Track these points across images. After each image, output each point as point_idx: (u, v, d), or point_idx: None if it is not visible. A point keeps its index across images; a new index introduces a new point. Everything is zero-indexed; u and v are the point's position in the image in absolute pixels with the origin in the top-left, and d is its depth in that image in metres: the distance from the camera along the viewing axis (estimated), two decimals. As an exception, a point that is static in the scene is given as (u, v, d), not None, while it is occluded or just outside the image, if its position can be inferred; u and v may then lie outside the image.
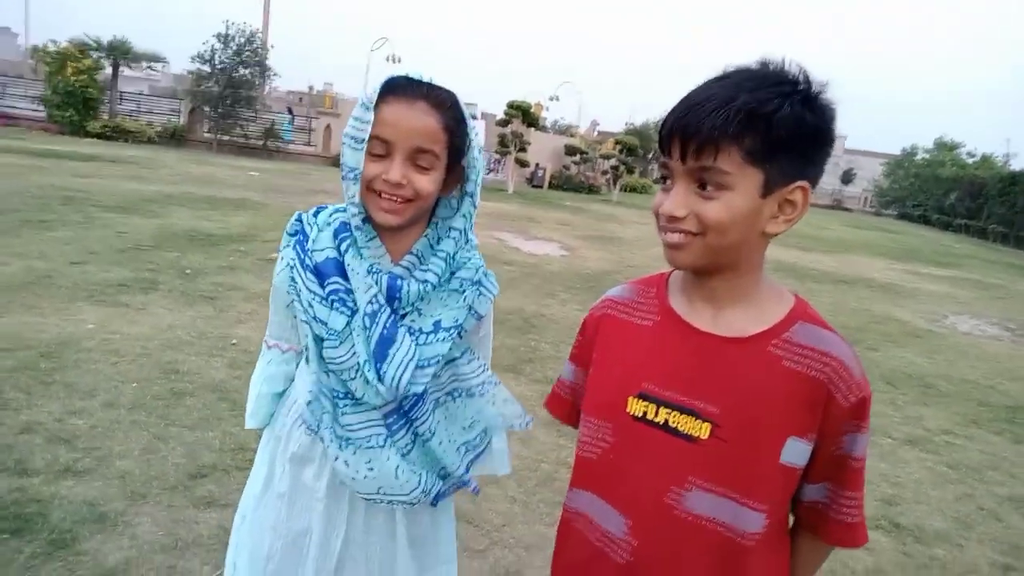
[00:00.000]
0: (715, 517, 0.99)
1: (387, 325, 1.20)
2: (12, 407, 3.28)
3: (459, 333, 1.29)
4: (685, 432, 1.00)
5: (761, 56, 0.97)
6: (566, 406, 1.26)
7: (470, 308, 1.30)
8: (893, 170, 45.35)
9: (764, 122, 0.90)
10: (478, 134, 1.26)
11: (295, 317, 1.26)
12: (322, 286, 1.21)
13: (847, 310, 8.86)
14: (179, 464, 3.00)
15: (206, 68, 22.14)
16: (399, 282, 1.21)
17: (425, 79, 1.21)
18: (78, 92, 20.10)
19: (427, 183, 1.20)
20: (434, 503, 1.37)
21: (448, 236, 1.28)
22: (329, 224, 1.26)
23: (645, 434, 1.03)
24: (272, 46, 23.78)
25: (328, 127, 23.26)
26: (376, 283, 1.20)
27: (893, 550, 3.14)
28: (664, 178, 1.01)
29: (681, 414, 1.01)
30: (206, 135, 22.54)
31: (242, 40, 22.32)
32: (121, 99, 24.03)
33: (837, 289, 10.60)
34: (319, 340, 1.21)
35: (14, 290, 4.99)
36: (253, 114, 23.15)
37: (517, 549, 2.76)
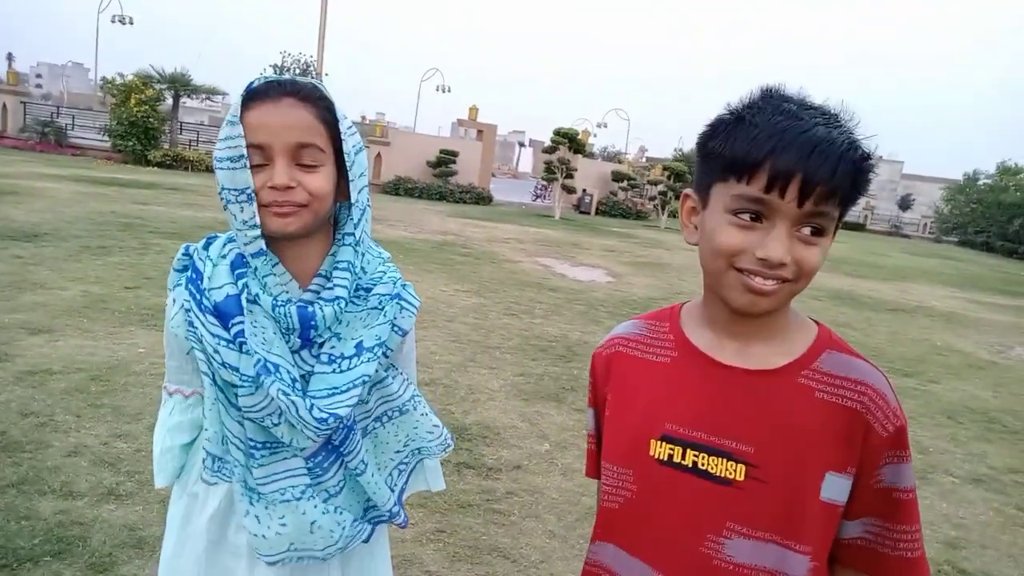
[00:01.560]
0: (758, 564, 0.92)
1: (303, 363, 1.13)
2: (62, 429, 3.35)
3: (384, 352, 1.18)
4: (718, 475, 0.94)
5: (786, 83, 0.93)
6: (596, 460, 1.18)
7: (393, 324, 1.19)
8: (953, 195, 43.99)
9: (867, 168, 0.88)
10: (353, 130, 1.15)
11: (196, 368, 1.14)
12: (227, 328, 1.08)
13: (906, 340, 8.53)
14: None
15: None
16: (310, 309, 1.10)
17: (286, 78, 1.12)
18: (140, 122, 20.94)
19: (319, 181, 1.09)
20: (366, 540, 1.26)
21: (344, 244, 1.16)
22: (224, 257, 1.13)
23: (672, 479, 0.97)
24: (327, 74, 24.41)
25: (379, 155, 23.69)
26: (286, 316, 1.09)
27: (957, 598, 2.95)
28: (753, 215, 0.89)
29: (711, 455, 0.95)
30: (261, 163, 23.18)
31: (297, 71, 23.00)
32: (182, 129, 24.95)
33: (896, 318, 10.23)
34: (230, 387, 1.10)
35: (70, 314, 5.15)
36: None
37: (555, 586, 2.67)
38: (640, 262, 13.13)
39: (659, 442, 0.98)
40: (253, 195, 1.07)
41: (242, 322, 1.08)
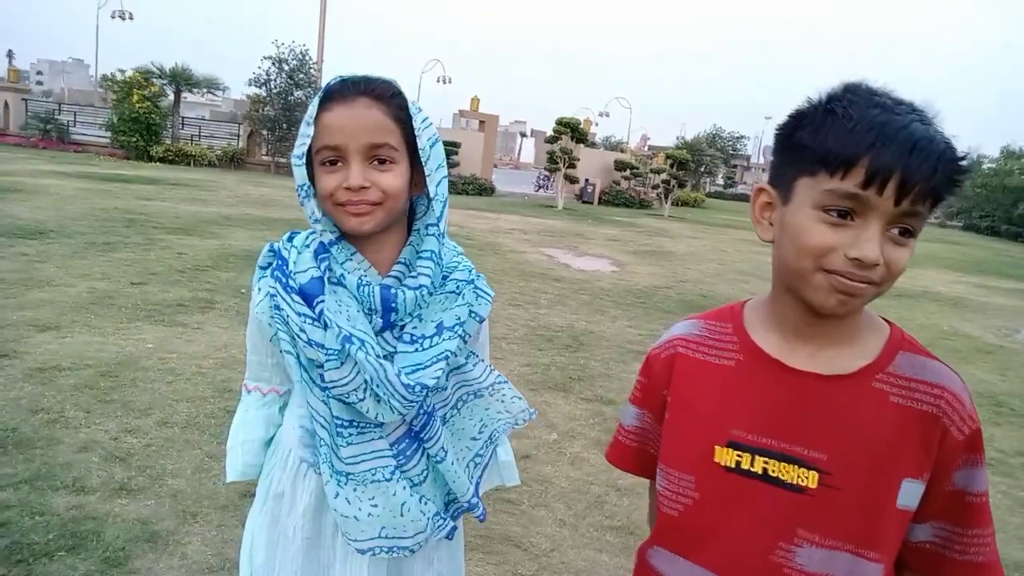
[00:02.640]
0: (830, 573, 0.90)
1: (385, 345, 1.14)
2: (72, 425, 3.37)
3: (462, 336, 1.20)
4: (790, 482, 0.91)
5: (873, 79, 0.90)
6: (632, 455, 1.15)
7: (470, 309, 1.21)
8: (958, 180, 43.75)
9: (961, 168, 0.85)
10: (428, 123, 1.16)
11: (279, 352, 1.16)
12: (311, 307, 1.11)
13: (913, 326, 8.51)
14: (230, 483, 3.01)
15: (262, 92, 22.79)
16: (392, 291, 1.13)
17: (360, 76, 1.14)
18: (142, 118, 20.96)
19: (392, 180, 1.11)
20: (449, 536, 1.28)
21: (428, 234, 1.19)
22: (307, 246, 1.17)
23: (740, 486, 0.94)
24: (323, 61, 24.29)
25: (380, 147, 23.67)
26: (369, 296, 1.12)
27: (967, 582, 2.95)
28: (845, 212, 0.85)
29: (781, 462, 0.92)
30: (264, 158, 23.20)
31: (295, 63, 22.91)
32: (183, 124, 24.95)
33: (902, 304, 10.21)
34: (316, 366, 1.12)
35: (78, 310, 5.16)
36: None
37: (566, 575, 2.68)
38: (644, 251, 13.12)
39: (725, 448, 0.95)
40: (310, 192, 1.12)
41: (324, 300, 1.10)
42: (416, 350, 1.14)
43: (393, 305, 1.13)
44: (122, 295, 5.71)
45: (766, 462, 0.93)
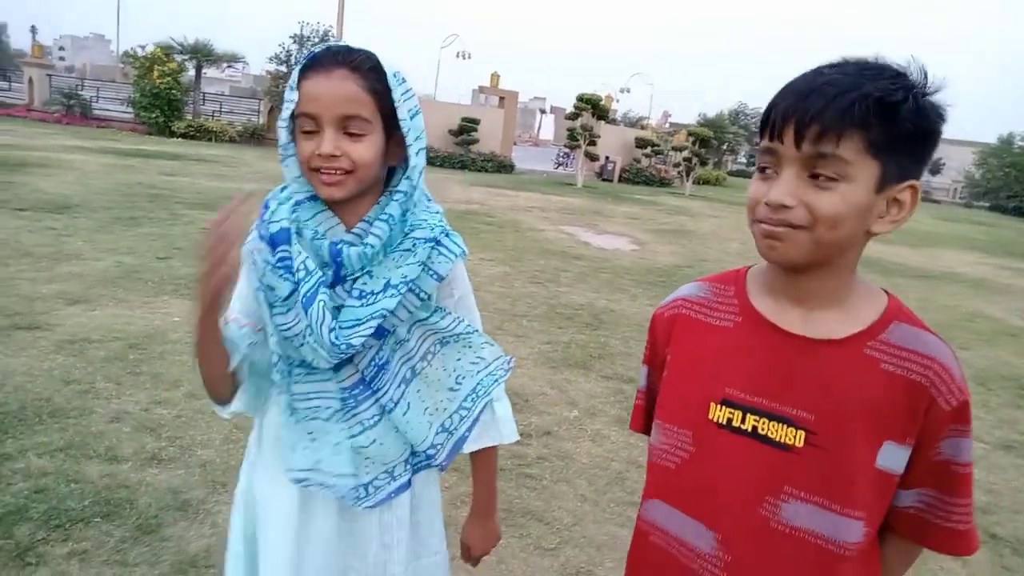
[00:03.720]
0: (815, 529, 0.94)
1: (326, 289, 1.19)
2: (104, 396, 3.44)
3: (416, 292, 1.23)
4: (778, 440, 0.95)
5: (873, 53, 0.92)
6: (644, 415, 1.20)
7: (425, 267, 1.23)
8: (986, 159, 43.00)
9: (891, 113, 0.85)
10: (410, 95, 1.19)
11: (256, 289, 1.23)
12: (273, 254, 1.19)
13: (935, 307, 8.43)
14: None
15: (283, 68, 22.79)
16: (337, 247, 1.18)
17: (343, 46, 1.17)
18: (164, 94, 21.06)
19: (362, 151, 1.15)
20: (405, 486, 1.32)
21: (393, 199, 1.21)
22: (289, 198, 1.23)
23: (732, 442, 0.98)
24: (343, 39, 24.24)
25: (400, 123, 23.62)
26: (316, 251, 1.18)
27: (989, 562, 2.96)
28: (764, 167, 0.94)
29: (771, 421, 0.96)
30: (283, 133, 23.21)
31: (316, 40, 22.87)
32: (204, 100, 25.04)
33: (925, 285, 10.11)
34: (271, 307, 1.20)
35: (105, 284, 5.25)
36: (328, 112, 23.70)
37: (588, 549, 2.72)
38: (664, 229, 13.05)
39: (719, 406, 1.00)
40: (287, 155, 1.19)
41: (285, 250, 1.17)
42: (361, 305, 1.19)
43: (339, 260, 1.18)
44: (148, 269, 5.79)
45: (756, 420, 0.97)
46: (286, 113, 1.17)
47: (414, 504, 1.36)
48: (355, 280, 1.20)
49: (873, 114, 0.85)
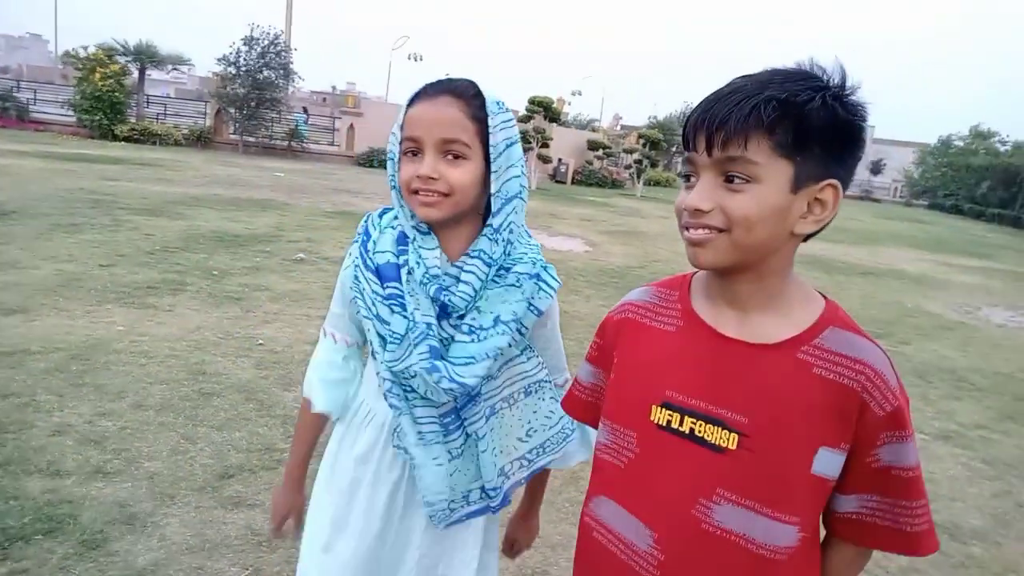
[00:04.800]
0: (746, 533, 0.95)
1: (440, 329, 1.23)
2: (44, 409, 3.33)
3: (519, 329, 1.27)
4: (712, 442, 0.97)
5: (798, 60, 0.95)
6: (583, 407, 1.24)
7: (529, 303, 1.27)
8: (924, 159, 44.55)
9: (795, 112, 0.88)
10: (508, 124, 1.22)
11: (357, 313, 1.30)
12: (383, 287, 1.24)
13: (877, 303, 8.70)
14: (207, 465, 3.02)
15: (231, 70, 22.35)
16: (443, 295, 1.22)
17: (445, 78, 1.22)
18: (106, 96, 20.42)
19: (460, 175, 1.19)
20: (440, 520, 1.36)
21: (483, 234, 1.25)
22: (393, 228, 1.29)
23: (670, 444, 1.00)
24: (295, 49, 23.89)
25: (352, 126, 23.38)
26: (426, 295, 1.22)
27: (927, 549, 3.07)
28: (688, 176, 0.97)
29: (707, 423, 0.97)
30: (232, 137, 22.78)
31: (266, 43, 22.48)
32: (148, 102, 24.40)
33: (866, 282, 10.43)
34: (382, 339, 1.24)
35: (45, 293, 5.08)
36: (277, 115, 23.33)
37: (543, 549, 2.74)
38: (617, 231, 13.20)
39: (660, 408, 1.01)
40: (394, 181, 1.25)
41: (396, 286, 1.23)
42: (472, 341, 1.23)
43: (447, 304, 1.22)
44: (90, 277, 5.62)
45: (694, 422, 0.98)
46: (392, 148, 1.24)
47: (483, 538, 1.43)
48: (462, 316, 1.25)
49: (779, 115, 0.88)
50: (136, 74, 22.67)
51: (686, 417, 0.99)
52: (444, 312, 1.24)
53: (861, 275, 11.00)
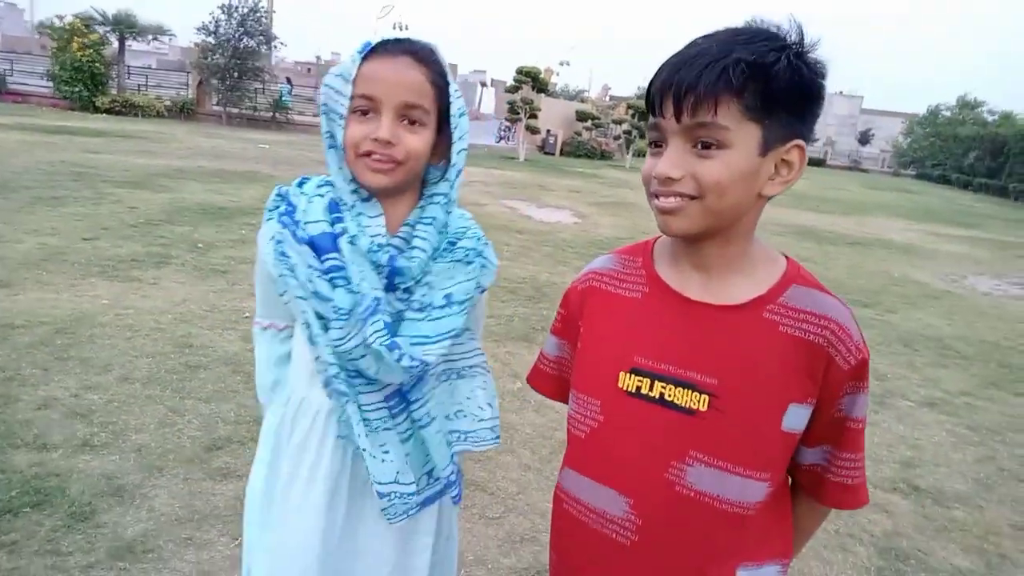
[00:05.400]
0: (720, 494, 0.96)
1: (392, 304, 1.15)
2: (30, 383, 3.30)
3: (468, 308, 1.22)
4: (683, 405, 0.97)
5: (751, 16, 0.93)
6: (550, 381, 1.23)
7: (476, 282, 1.22)
8: (912, 129, 44.60)
9: (763, 75, 0.86)
10: (459, 93, 1.17)
11: (283, 294, 1.16)
12: (320, 260, 1.12)
13: (865, 272, 8.75)
14: (195, 437, 3.01)
15: (211, 40, 21.96)
16: (399, 262, 1.14)
17: (403, 37, 1.15)
18: (85, 67, 20.04)
19: (418, 142, 1.12)
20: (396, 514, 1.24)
21: (433, 202, 1.20)
22: (321, 196, 1.18)
23: (639, 409, 0.99)
24: (275, 11, 23.45)
25: (337, 97, 23.06)
26: (373, 262, 1.13)
27: (912, 512, 3.11)
28: (655, 143, 0.95)
29: (677, 387, 0.97)
30: (215, 108, 22.47)
31: (245, 10, 22.07)
32: (129, 73, 23.95)
33: (854, 251, 10.47)
34: (320, 318, 1.12)
35: (28, 267, 5.01)
36: (261, 86, 23.00)
37: (532, 516, 2.76)
38: (606, 202, 13.16)
39: (628, 374, 1.01)
40: (333, 141, 1.13)
41: (335, 258, 1.12)
42: (424, 319, 1.16)
43: (399, 272, 1.14)
44: (73, 251, 5.55)
45: (663, 387, 0.98)
46: (337, 104, 1.11)
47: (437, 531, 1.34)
48: (409, 289, 1.17)
49: (747, 78, 0.86)
50: (116, 44, 22.22)
51: (656, 382, 0.99)
52: (390, 285, 1.16)
53: (849, 245, 11.04)
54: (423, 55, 1.13)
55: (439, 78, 1.14)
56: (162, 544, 2.33)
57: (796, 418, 0.96)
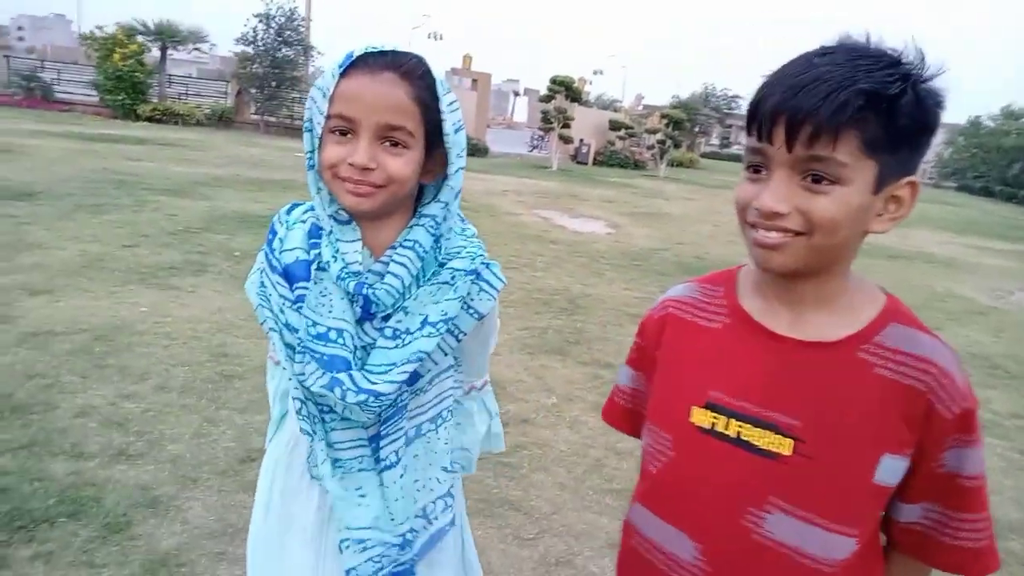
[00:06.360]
0: (800, 546, 0.89)
1: (367, 334, 1.08)
2: (68, 390, 3.34)
3: (451, 331, 1.11)
4: (763, 448, 0.90)
5: (863, 32, 0.85)
6: (625, 415, 1.17)
7: (465, 304, 1.11)
8: (954, 139, 43.67)
9: (888, 108, 0.79)
10: (455, 106, 1.07)
11: (263, 324, 1.10)
12: (291, 290, 1.07)
13: (905, 287, 8.53)
14: (229, 448, 3.01)
15: (249, 50, 22.34)
16: (364, 289, 1.05)
17: (388, 48, 1.04)
18: (127, 76, 20.52)
19: (401, 166, 1.02)
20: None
21: (419, 224, 1.09)
22: (303, 222, 1.11)
23: (714, 449, 0.93)
24: (311, 20, 23.78)
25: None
26: (342, 293, 1.05)
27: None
28: (756, 167, 0.87)
29: (756, 427, 0.91)
30: (253, 116, 22.84)
31: (282, 19, 22.42)
32: (170, 82, 24.48)
33: (894, 265, 10.23)
34: (291, 349, 1.07)
35: (69, 274, 5.09)
36: (298, 95, 23.34)
37: (567, 538, 2.70)
38: (639, 212, 13.05)
39: (702, 410, 0.95)
40: (314, 164, 1.06)
41: (306, 287, 1.06)
42: (396, 346, 1.06)
43: (371, 300, 1.06)
44: (114, 258, 5.64)
45: (740, 426, 0.92)
46: (314, 118, 1.04)
47: None
48: (387, 317, 1.08)
49: (870, 111, 0.79)
50: (157, 53, 22.72)
51: (732, 420, 0.92)
52: (367, 314, 1.07)
53: (889, 258, 10.79)
54: (407, 70, 1.02)
55: (425, 94, 1.03)
56: (195, 559, 2.32)
57: (890, 471, 0.88)
